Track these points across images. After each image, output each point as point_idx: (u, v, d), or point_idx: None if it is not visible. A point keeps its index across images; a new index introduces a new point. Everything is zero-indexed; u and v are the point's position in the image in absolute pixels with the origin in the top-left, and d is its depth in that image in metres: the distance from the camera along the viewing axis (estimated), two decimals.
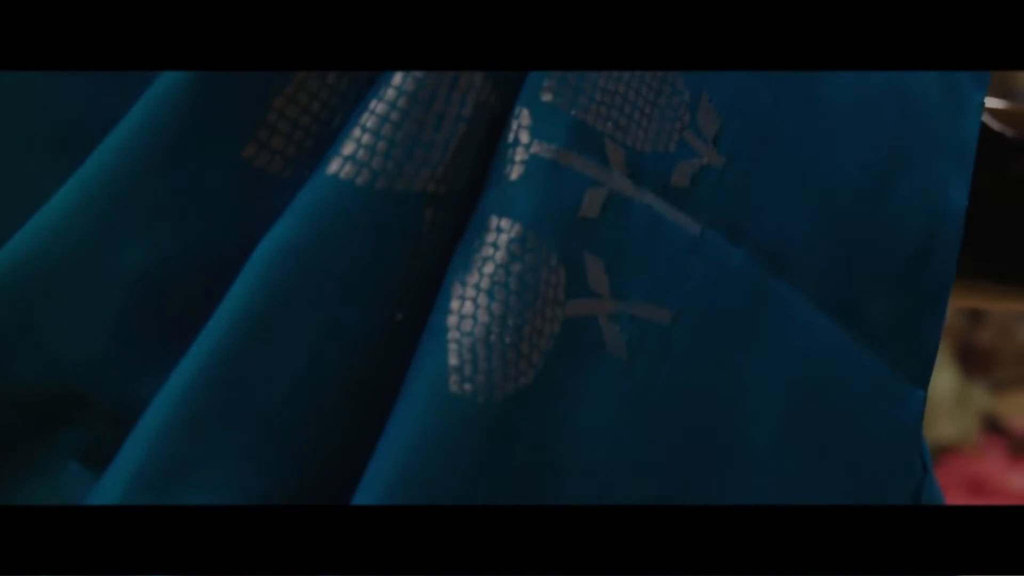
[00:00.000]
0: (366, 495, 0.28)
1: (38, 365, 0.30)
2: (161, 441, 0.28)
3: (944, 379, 1.99)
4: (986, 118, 0.46)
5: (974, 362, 2.14)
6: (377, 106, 0.29)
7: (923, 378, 0.41)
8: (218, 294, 0.29)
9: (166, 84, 0.29)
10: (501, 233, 0.30)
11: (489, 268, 0.30)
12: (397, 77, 0.29)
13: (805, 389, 0.36)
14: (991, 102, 0.47)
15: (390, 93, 0.29)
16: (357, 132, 0.29)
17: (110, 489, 0.28)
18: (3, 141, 0.32)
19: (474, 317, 0.29)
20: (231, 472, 0.29)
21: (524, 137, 0.30)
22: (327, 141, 0.30)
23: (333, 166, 0.29)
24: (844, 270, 0.38)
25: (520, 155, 0.30)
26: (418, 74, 0.29)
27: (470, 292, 0.29)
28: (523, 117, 0.30)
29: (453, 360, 0.29)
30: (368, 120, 0.29)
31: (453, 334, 0.29)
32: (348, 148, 0.29)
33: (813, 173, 0.37)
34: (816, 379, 0.36)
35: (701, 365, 0.33)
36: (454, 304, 0.29)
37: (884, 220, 0.39)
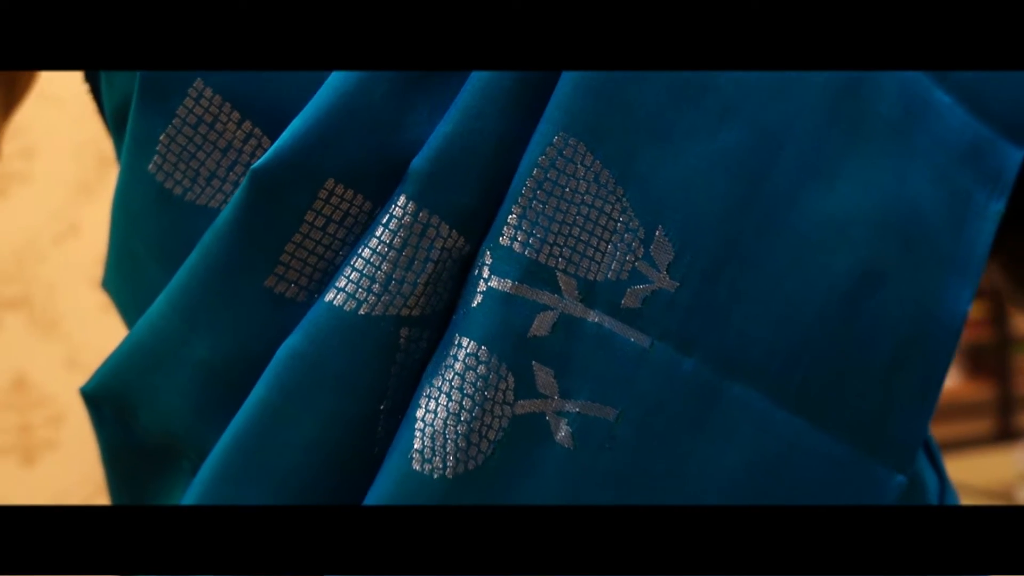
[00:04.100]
0: None
1: (154, 416, 0.42)
2: (208, 489, 0.39)
3: None
4: None
5: None
6: (363, 251, 0.38)
7: (904, 464, 0.46)
8: (253, 382, 0.39)
9: (216, 225, 0.39)
10: (461, 348, 0.38)
11: (450, 375, 0.38)
12: (379, 229, 0.38)
13: (753, 470, 0.42)
14: None
15: (374, 241, 0.38)
16: (348, 270, 0.38)
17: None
18: (142, 256, 0.44)
19: (435, 412, 0.38)
20: None
21: (485, 272, 0.39)
22: (331, 274, 0.39)
23: (329, 295, 0.38)
24: (808, 372, 0.43)
25: (481, 287, 0.38)
26: (393, 227, 0.38)
27: (435, 392, 0.38)
28: (486, 257, 0.39)
29: (417, 444, 0.38)
30: (356, 262, 0.38)
31: (419, 424, 0.38)
32: (341, 282, 0.38)
33: (775, 292, 0.42)
34: (766, 462, 0.42)
35: (644, 453, 0.40)
36: (423, 400, 0.38)
37: (852, 331, 0.44)
